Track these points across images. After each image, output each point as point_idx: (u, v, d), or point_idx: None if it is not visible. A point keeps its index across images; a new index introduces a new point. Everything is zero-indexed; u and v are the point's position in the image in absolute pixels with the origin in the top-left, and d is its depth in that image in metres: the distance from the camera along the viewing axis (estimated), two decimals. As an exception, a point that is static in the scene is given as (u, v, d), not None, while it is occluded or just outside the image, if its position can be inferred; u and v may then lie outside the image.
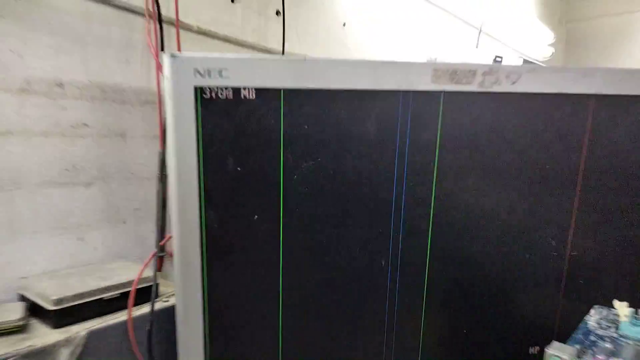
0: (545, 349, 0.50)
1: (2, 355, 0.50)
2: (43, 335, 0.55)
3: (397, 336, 0.64)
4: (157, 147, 0.73)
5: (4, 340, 0.53)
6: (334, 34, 1.13)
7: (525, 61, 1.56)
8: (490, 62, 1.39)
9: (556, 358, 0.48)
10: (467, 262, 0.64)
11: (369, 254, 0.61)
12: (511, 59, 1.51)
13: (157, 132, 0.73)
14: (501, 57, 1.36)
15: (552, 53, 2.34)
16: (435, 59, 1.37)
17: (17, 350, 0.51)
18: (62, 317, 0.56)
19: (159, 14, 0.69)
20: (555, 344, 0.50)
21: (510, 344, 0.68)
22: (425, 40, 1.45)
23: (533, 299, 0.68)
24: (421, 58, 1.39)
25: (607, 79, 0.62)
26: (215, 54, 0.52)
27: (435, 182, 0.61)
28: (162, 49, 0.70)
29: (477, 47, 1.53)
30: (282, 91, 0.54)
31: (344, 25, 1.15)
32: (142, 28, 0.72)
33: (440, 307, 0.64)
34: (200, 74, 0.51)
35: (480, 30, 1.63)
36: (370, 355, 0.64)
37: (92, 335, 0.57)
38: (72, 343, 0.55)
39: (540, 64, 1.74)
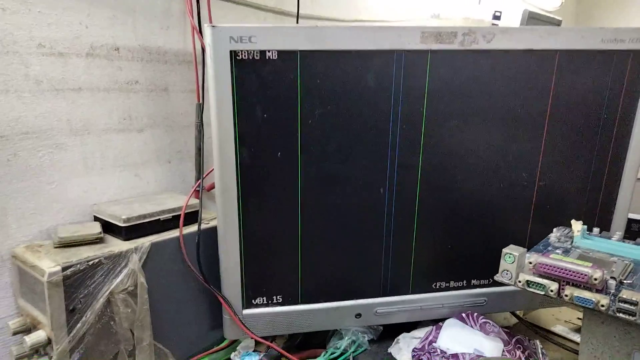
0: (503, 249, 0.64)
1: (92, 256, 0.66)
2: (117, 245, 0.71)
3: (393, 249, 0.79)
4: (194, 100, 0.87)
5: (90, 248, 0.69)
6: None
7: (530, 13, 1.62)
8: (490, 16, 1.48)
9: (509, 254, 0.63)
10: (451, 190, 0.78)
11: (370, 183, 0.75)
12: (516, 12, 1.58)
13: (194, 87, 0.87)
14: (500, 12, 1.45)
15: (562, 3, 2.37)
16: (439, 15, 1.47)
17: (102, 253, 0.68)
18: (130, 232, 0.72)
19: (196, -14, 0.82)
20: (511, 245, 0.65)
21: (488, 257, 0.82)
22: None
23: (507, 221, 0.82)
24: (426, 14, 1.49)
25: (569, 36, 0.74)
26: (246, 25, 0.65)
27: (424, 124, 0.74)
28: (199, 16, 0.83)
29: (479, 2, 1.61)
30: (298, 52, 0.67)
31: (353, -15, 1.26)
32: (182, -2, 0.86)
33: (428, 226, 0.79)
34: (234, 40, 0.64)
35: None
36: (371, 264, 0.79)
37: (154, 246, 0.73)
38: (139, 250, 0.71)
39: (549, 14, 1.79)
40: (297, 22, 1.07)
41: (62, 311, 0.63)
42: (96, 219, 0.77)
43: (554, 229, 0.74)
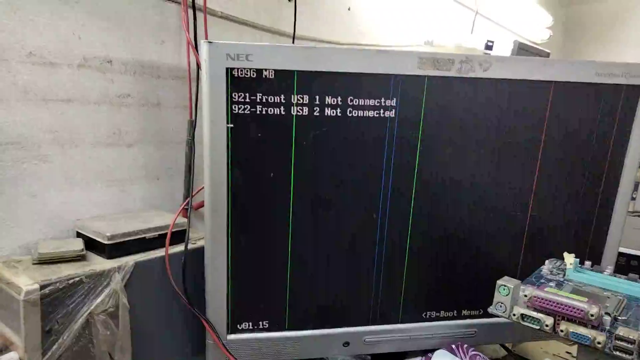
0: (497, 281, 0.63)
1: (73, 274, 0.63)
2: (99, 263, 0.68)
3: (383, 276, 0.77)
4: (187, 117, 0.85)
5: (70, 265, 0.66)
6: (340, 18, 1.24)
7: (520, 44, 1.65)
8: (483, 45, 1.50)
9: (503, 286, 0.62)
10: (444, 217, 0.77)
11: (363, 208, 0.74)
12: (506, 42, 1.61)
13: (186, 103, 0.86)
14: (492, 42, 1.47)
15: (550, 36, 2.41)
16: (432, 42, 1.49)
17: (83, 272, 0.65)
18: (114, 250, 0.69)
19: (193, 2, 0.81)
20: (506, 277, 0.64)
21: (479, 287, 0.81)
22: (424, 24, 1.56)
23: (499, 250, 0.81)
24: (419, 41, 1.50)
25: (564, 68, 0.74)
26: (244, 43, 0.65)
27: (419, 150, 0.73)
28: (195, 32, 0.82)
29: (472, 32, 1.63)
30: (295, 72, 0.66)
31: (349, 9, 1.26)
32: (175, 13, 0.84)
33: (420, 254, 0.77)
34: (231, 57, 0.63)
35: (477, 13, 1.73)
36: (361, 291, 0.77)
37: (138, 265, 0.70)
38: (123, 270, 0.68)
39: (538, 46, 1.82)
40: (293, 43, 1.07)
41: (37, 332, 0.60)
42: (79, 235, 0.74)
43: (546, 261, 0.74)
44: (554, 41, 2.56)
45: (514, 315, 0.59)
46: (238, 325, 0.75)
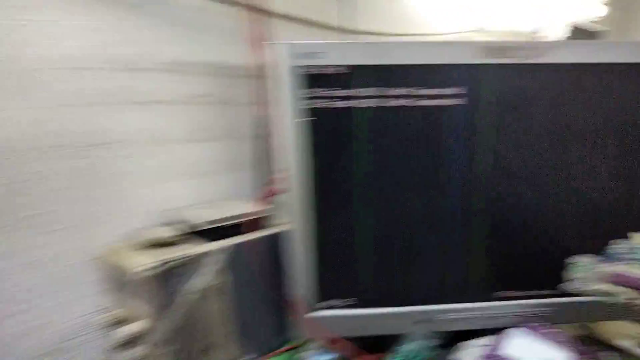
0: (573, 258, 0.64)
1: (180, 255, 0.71)
2: (200, 246, 0.75)
3: (462, 255, 0.79)
4: (261, 113, 0.91)
5: (176, 248, 0.74)
6: (389, 7, 1.26)
7: (576, 26, 1.60)
8: (534, 29, 1.46)
9: (581, 263, 0.63)
10: (518, 200, 0.77)
11: (437, 191, 0.76)
12: (559, 23, 1.57)
13: (260, 100, 0.91)
14: (544, 25, 1.43)
15: (608, 12, 2.32)
16: (482, 28, 1.46)
17: (187, 253, 0.72)
18: (212, 234, 0.77)
19: (260, 6, 0.88)
20: (582, 255, 0.65)
21: (552, 268, 0.79)
22: (473, 10, 1.54)
23: (570, 234, 0.79)
24: (469, 27, 1.49)
25: (633, 49, 0.72)
26: (315, 41, 0.69)
27: (493, 140, 0.74)
28: (261, 33, 0.87)
29: (522, 16, 1.59)
30: (365, 67, 0.69)
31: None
32: (242, 16, 0.90)
33: (494, 235, 0.78)
34: (303, 56, 0.68)
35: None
36: (441, 272, 0.80)
37: (233, 247, 0.77)
38: (221, 252, 0.75)
39: (594, 25, 1.75)
40: (341, 36, 1.10)
41: (152, 307, 0.68)
42: (178, 222, 0.81)
43: (615, 241, 0.74)
44: (611, 17, 2.46)
45: (596, 288, 0.61)
46: (325, 302, 0.79)
